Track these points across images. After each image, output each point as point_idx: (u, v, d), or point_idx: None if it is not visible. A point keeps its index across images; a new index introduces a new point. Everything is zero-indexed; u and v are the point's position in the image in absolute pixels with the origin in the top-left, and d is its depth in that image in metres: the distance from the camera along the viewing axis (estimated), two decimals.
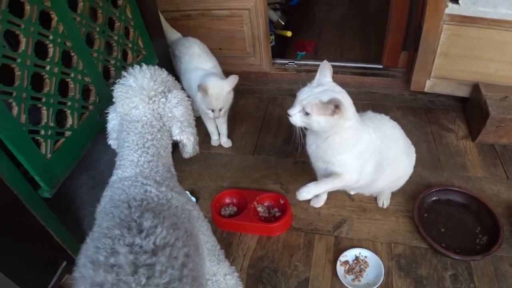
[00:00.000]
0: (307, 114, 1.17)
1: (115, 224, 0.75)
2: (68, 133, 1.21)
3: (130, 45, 1.52)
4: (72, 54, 1.22)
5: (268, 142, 2.03)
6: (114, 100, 0.95)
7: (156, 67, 0.97)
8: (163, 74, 0.97)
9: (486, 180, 1.70)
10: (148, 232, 0.73)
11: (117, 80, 0.94)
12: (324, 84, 1.21)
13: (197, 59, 1.88)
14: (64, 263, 1.26)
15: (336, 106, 1.13)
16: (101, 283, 0.66)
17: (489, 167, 1.76)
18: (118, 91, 0.93)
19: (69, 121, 1.23)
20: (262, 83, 2.47)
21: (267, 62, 2.43)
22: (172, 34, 2.07)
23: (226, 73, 2.45)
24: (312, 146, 1.35)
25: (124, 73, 0.95)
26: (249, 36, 2.32)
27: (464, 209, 1.55)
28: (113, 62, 1.42)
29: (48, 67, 1.12)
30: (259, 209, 1.65)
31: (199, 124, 1.36)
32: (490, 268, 1.37)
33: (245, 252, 1.50)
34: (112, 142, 1.03)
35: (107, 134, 1.03)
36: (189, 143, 0.99)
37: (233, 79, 1.71)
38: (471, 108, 1.99)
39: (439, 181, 1.70)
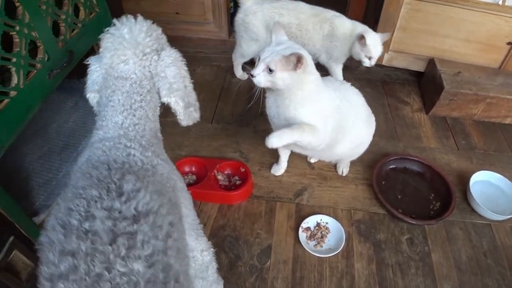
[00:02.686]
0: (270, 71, 1.14)
1: (92, 184, 0.65)
2: (13, 93, 1.09)
3: (82, 0, 1.38)
4: (17, 4, 1.08)
5: (227, 110, 1.97)
6: (101, 50, 0.84)
7: (150, 21, 0.87)
8: (158, 30, 0.88)
9: (438, 150, 1.77)
10: (129, 196, 0.64)
11: (106, 29, 0.83)
12: (283, 42, 1.21)
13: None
14: (12, 238, 1.14)
15: (298, 60, 1.12)
16: (73, 252, 0.56)
17: (441, 138, 1.84)
18: (108, 41, 0.82)
19: (14, 80, 1.09)
20: (220, 51, 2.37)
21: (225, 30, 2.34)
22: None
23: (183, 40, 2.35)
24: (272, 108, 1.31)
25: (115, 21, 0.84)
26: (209, 2, 2.21)
27: (419, 177, 1.61)
28: (63, 17, 1.28)
29: None
30: (219, 177, 1.60)
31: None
32: (443, 232, 1.43)
33: (205, 221, 1.45)
34: (91, 96, 0.90)
35: (85, 86, 0.90)
36: (178, 108, 0.89)
37: None
38: (426, 82, 2.06)
39: (396, 151, 1.75)
